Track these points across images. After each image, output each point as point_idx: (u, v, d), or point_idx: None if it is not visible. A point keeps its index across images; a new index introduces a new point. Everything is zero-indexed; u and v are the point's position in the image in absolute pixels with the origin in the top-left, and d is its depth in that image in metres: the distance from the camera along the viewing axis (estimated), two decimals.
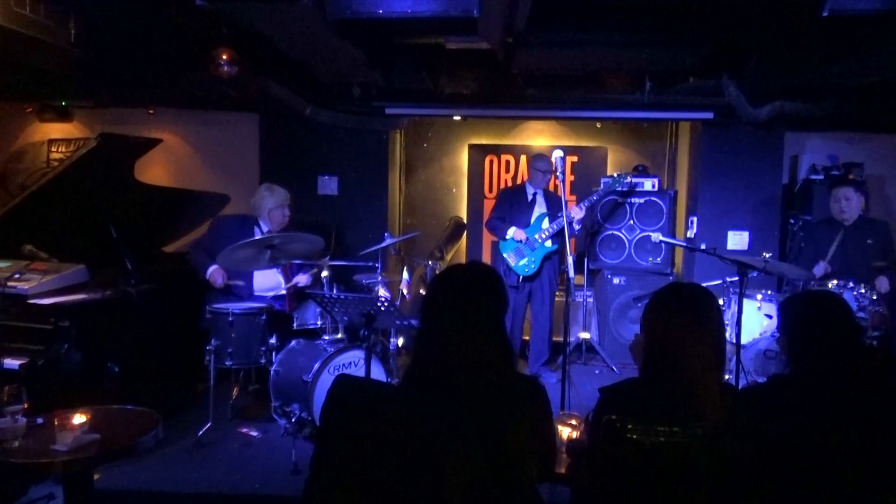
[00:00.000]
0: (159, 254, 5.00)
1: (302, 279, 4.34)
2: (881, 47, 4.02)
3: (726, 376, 4.11)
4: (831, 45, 4.22)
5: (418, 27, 4.23)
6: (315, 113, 5.72)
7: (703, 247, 4.88)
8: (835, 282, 4.28)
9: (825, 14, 2.89)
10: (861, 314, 4.13)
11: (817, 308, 2.16)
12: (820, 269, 4.50)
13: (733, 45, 4.74)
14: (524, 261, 5.13)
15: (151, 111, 6.19)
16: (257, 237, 4.09)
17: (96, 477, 2.88)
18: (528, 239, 5.12)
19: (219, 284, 4.19)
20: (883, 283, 4.33)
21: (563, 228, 4.96)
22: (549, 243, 5.14)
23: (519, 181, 6.68)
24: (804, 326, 2.13)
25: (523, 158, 6.74)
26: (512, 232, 5.13)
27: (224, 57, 4.59)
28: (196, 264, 4.29)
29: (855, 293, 4.19)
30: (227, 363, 3.93)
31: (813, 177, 5.67)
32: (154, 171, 5.92)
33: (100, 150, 3.86)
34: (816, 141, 6.11)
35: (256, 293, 4.36)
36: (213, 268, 4.18)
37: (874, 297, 4.17)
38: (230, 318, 3.89)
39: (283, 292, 4.27)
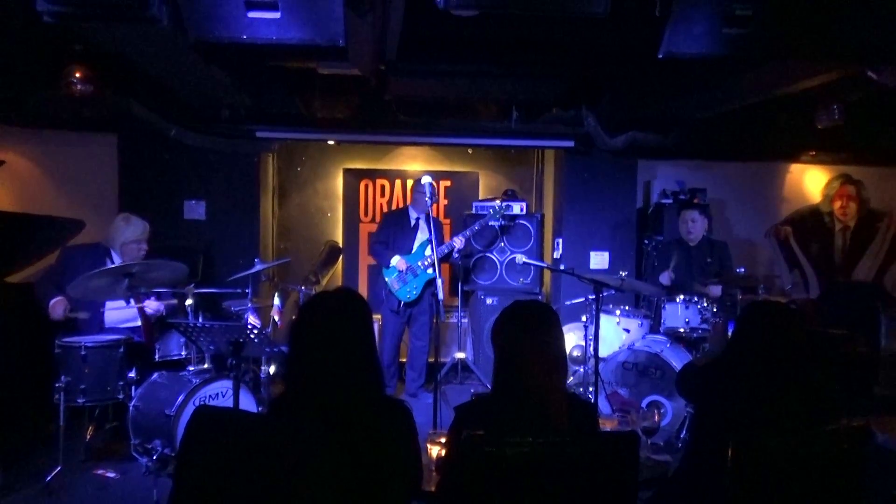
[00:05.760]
0: (1, 284, 4.58)
1: (151, 305, 4.05)
2: (714, 85, 4.50)
3: (590, 388, 4.39)
4: (672, 82, 4.67)
5: (287, 52, 4.21)
6: (181, 135, 5.49)
7: (562, 267, 5.16)
8: (682, 296, 4.68)
9: (661, 56, 3.19)
10: (704, 325, 4.56)
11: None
12: (665, 277, 4.89)
13: (590, 79, 5.10)
14: (407, 287, 5.21)
15: None
16: (112, 266, 3.84)
17: None
18: (410, 266, 5.20)
19: (58, 316, 3.89)
20: (715, 290, 4.77)
21: (445, 255, 5.13)
22: (430, 270, 5.24)
23: (395, 206, 6.77)
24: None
25: (398, 183, 6.86)
26: (395, 261, 5.21)
27: (77, 75, 4.32)
28: (39, 296, 3.98)
29: (699, 307, 4.60)
30: (79, 400, 3.66)
31: (663, 201, 6.18)
32: None
33: None
34: (666, 168, 6.68)
35: (108, 325, 4.09)
36: (55, 299, 3.90)
37: (715, 310, 4.60)
38: (83, 353, 3.64)
39: (139, 323, 4.03)
